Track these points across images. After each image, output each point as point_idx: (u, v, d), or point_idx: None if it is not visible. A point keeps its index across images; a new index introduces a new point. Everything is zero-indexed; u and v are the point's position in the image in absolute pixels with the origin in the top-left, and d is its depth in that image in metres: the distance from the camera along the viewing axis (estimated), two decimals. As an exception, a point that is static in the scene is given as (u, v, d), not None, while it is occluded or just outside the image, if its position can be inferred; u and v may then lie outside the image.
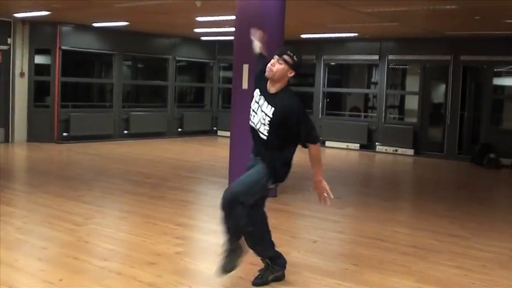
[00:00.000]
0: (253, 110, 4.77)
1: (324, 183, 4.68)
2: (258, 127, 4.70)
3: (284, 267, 4.99)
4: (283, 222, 7.28)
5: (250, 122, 4.80)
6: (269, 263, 4.91)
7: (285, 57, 4.61)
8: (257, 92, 4.79)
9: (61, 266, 5.35)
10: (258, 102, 4.73)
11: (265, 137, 4.66)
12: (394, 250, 6.28)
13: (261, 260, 4.97)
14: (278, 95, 4.63)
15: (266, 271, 4.91)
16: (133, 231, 6.77)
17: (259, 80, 4.81)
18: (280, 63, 4.60)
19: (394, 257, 6.02)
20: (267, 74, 4.63)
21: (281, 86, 4.66)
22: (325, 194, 4.67)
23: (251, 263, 5.16)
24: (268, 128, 4.63)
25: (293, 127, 4.57)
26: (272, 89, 4.67)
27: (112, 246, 6.05)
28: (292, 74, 4.65)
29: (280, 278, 4.95)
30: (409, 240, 6.75)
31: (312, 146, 4.63)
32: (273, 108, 4.59)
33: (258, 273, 4.94)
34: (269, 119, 4.60)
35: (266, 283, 4.87)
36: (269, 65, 4.63)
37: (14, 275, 4.98)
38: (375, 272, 5.44)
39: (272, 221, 5.21)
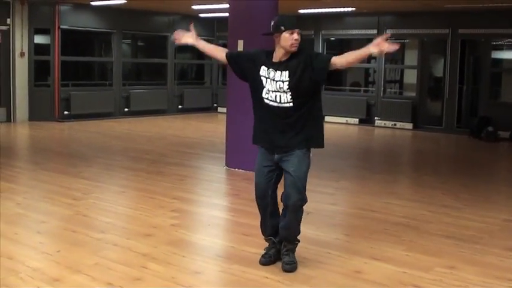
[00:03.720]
0: (268, 89, 4.59)
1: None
2: (278, 100, 4.56)
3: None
4: (278, 196, 7.40)
5: (265, 101, 4.62)
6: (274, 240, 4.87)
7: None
8: (263, 68, 4.61)
9: (59, 238, 5.52)
10: (269, 77, 4.58)
11: (291, 104, 4.54)
12: (386, 221, 6.39)
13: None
14: (289, 59, 4.55)
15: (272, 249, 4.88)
16: (131, 205, 6.93)
17: (257, 58, 4.67)
18: (299, 34, 4.54)
19: (385, 227, 6.13)
20: (294, 48, 4.53)
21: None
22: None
23: (242, 233, 5.31)
24: (290, 93, 4.52)
25: (310, 70, 4.48)
26: (283, 57, 4.57)
27: (109, 219, 6.21)
28: None
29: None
30: (401, 211, 6.85)
31: (334, 58, 4.52)
32: (286, 71, 4.50)
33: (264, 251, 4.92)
34: (287, 83, 4.50)
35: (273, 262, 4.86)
36: (294, 41, 4.50)
37: (13, 247, 5.14)
38: (365, 242, 5.57)
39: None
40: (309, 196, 7.36)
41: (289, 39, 4.50)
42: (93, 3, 15.27)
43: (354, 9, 15.07)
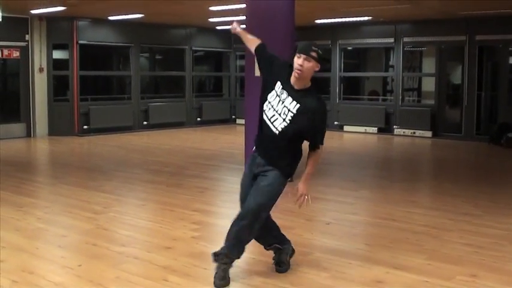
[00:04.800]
0: (269, 103, 4.56)
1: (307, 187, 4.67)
2: (272, 120, 4.52)
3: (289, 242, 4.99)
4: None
5: (263, 115, 4.60)
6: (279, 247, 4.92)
7: (313, 54, 4.40)
8: (278, 84, 4.56)
9: (80, 252, 5.55)
10: (279, 96, 4.52)
11: (277, 132, 4.51)
12: (407, 229, 6.36)
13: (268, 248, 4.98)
14: (305, 93, 4.50)
15: (281, 255, 4.92)
16: (151, 218, 6.96)
17: (278, 70, 4.62)
18: (309, 61, 4.41)
19: (406, 236, 6.11)
20: (296, 75, 4.43)
21: (306, 83, 4.52)
22: (306, 197, 4.67)
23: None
24: (286, 124, 4.47)
25: (311, 129, 4.50)
26: (297, 85, 4.50)
27: (130, 232, 6.24)
28: (318, 68, 4.48)
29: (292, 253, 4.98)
30: (422, 220, 6.82)
31: (320, 148, 4.60)
32: (298, 105, 4.44)
33: (273, 261, 4.95)
34: (292, 115, 4.46)
35: (289, 265, 4.92)
36: (297, 65, 4.41)
37: (34, 262, 5.19)
38: (386, 251, 5.54)
39: (287, 205, 5.37)
40: (330, 206, 7.37)
41: (295, 63, 4.45)
42: (110, 17, 15.41)
43: (370, 18, 15.06)
